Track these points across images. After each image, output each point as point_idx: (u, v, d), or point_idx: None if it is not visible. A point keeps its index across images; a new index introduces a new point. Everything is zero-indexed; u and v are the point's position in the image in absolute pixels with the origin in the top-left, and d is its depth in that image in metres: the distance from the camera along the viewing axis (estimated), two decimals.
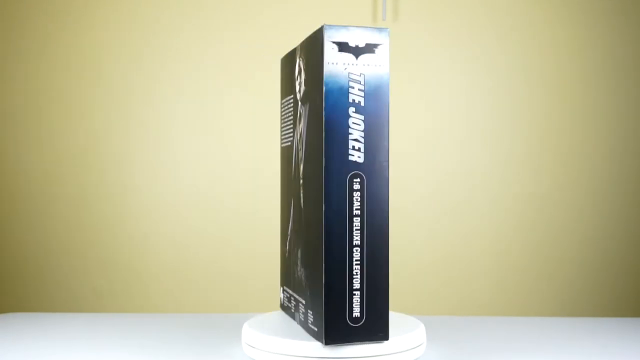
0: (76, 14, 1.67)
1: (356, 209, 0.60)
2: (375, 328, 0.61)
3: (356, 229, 0.60)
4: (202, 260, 1.66)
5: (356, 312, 0.61)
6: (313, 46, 0.64)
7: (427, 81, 1.62)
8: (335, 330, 0.61)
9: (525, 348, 0.72)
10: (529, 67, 1.61)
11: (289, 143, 0.73)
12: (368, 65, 0.60)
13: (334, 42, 0.60)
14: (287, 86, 0.75)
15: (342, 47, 0.60)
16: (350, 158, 0.60)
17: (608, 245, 1.61)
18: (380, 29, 0.61)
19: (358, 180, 0.60)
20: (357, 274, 0.61)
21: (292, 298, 0.73)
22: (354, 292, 0.61)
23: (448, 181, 1.62)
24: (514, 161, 1.61)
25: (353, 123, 0.60)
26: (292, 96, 0.73)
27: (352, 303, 0.61)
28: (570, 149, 1.61)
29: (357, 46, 0.61)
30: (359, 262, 0.61)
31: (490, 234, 1.62)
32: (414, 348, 0.64)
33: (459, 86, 1.62)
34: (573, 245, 1.62)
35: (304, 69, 0.67)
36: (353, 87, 0.60)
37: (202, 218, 1.66)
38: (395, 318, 0.72)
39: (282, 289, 0.79)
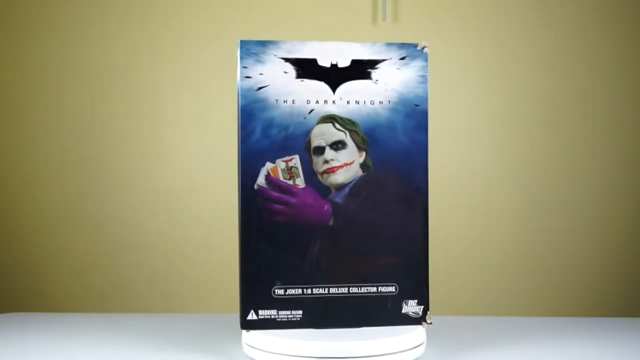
0: (75, 14, 1.67)
1: None
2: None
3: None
4: (203, 260, 1.66)
5: None
6: None
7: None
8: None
9: (526, 348, 0.72)
10: (529, 67, 1.61)
11: None
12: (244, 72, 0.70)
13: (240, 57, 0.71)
14: None
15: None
16: None
17: (612, 247, 1.61)
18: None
19: None
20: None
21: None
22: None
23: (447, 181, 1.62)
24: (515, 161, 1.61)
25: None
26: None
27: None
28: (577, 149, 1.61)
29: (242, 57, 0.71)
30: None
31: (490, 234, 1.62)
32: (414, 348, 0.65)
33: (459, 86, 1.62)
34: (573, 245, 1.62)
35: None
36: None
37: (203, 218, 1.66)
38: None
39: None
